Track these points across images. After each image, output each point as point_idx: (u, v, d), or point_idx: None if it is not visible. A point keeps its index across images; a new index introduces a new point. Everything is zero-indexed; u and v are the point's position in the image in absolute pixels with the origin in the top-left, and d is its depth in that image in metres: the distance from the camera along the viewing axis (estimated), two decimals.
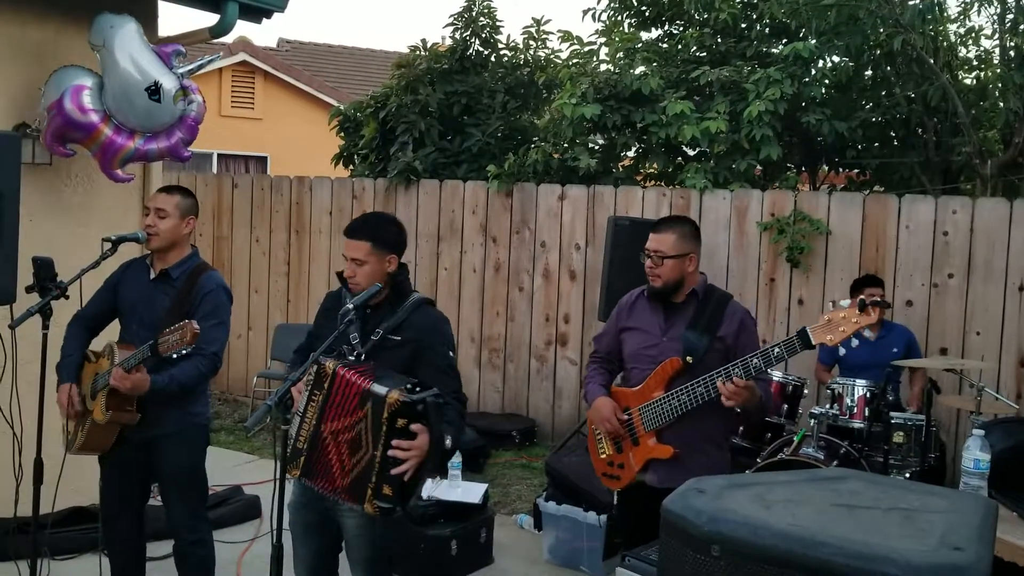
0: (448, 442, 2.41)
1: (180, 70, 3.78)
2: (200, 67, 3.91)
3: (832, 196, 5.29)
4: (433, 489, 3.96)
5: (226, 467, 4.98)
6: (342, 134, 7.33)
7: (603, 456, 2.90)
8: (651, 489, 2.75)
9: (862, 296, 2.49)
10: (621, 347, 2.89)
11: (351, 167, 7.27)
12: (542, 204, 5.98)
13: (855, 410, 4.19)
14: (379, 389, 2.32)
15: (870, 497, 1.61)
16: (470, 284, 6.22)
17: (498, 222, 6.12)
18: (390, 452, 2.31)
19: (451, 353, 2.59)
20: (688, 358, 2.68)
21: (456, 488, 3.99)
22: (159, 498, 3.10)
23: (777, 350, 2.54)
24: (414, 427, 2.34)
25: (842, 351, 4.32)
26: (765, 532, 1.43)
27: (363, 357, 2.50)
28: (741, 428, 4.41)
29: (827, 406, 4.23)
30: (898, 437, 4.05)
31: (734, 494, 1.59)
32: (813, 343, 2.50)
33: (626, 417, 2.80)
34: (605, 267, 5.31)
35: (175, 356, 2.60)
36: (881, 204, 5.11)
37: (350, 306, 2.51)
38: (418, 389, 2.33)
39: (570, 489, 4.08)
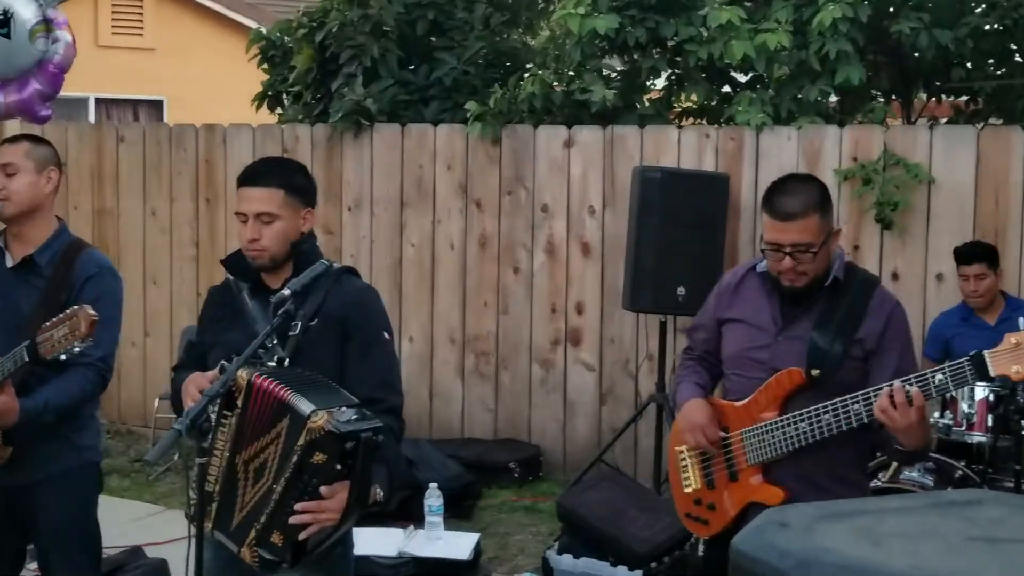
0: (378, 495, 2.43)
1: None
2: None
3: (935, 132, 5.29)
4: (406, 542, 3.96)
5: (121, 522, 4.96)
6: (265, 66, 7.26)
7: (688, 491, 2.88)
8: None
9: None
10: (720, 344, 2.87)
11: (279, 110, 7.23)
12: (542, 153, 5.94)
13: (975, 419, 4.20)
14: (302, 405, 2.32)
15: (1017, 526, 1.61)
16: (447, 265, 6.19)
17: (483, 180, 6.08)
18: (293, 519, 2.32)
19: (386, 334, 2.62)
20: (814, 371, 2.63)
21: (437, 540, 4.00)
22: (35, 566, 3.08)
23: (940, 377, 2.46)
24: (328, 487, 2.30)
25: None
26: None
27: (286, 362, 2.52)
28: None
29: (937, 415, 4.24)
30: None
31: (830, 528, 1.58)
32: (992, 374, 2.40)
33: (723, 435, 2.78)
34: (631, 237, 5.30)
35: (64, 357, 2.56)
36: (1001, 141, 5.11)
37: (287, 292, 2.50)
38: (355, 417, 2.32)
39: (591, 536, 4.08)
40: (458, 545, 3.97)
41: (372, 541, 3.92)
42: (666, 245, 5.14)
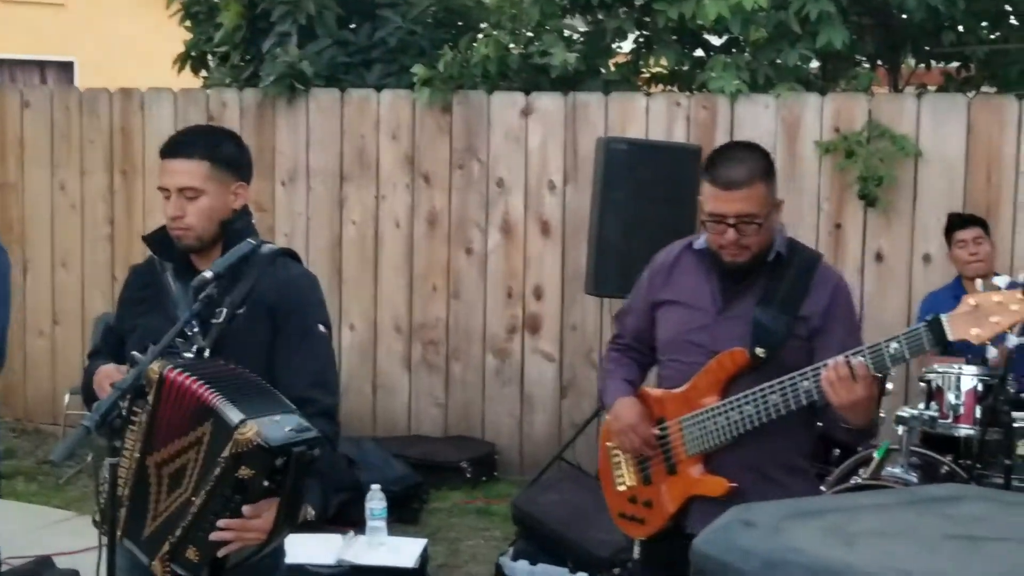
0: (310, 514, 2.47)
1: None
2: None
3: (923, 101, 5.35)
4: (346, 549, 3.96)
5: (29, 528, 4.95)
6: (188, 24, 7.21)
7: (622, 488, 2.90)
8: (691, 540, 2.75)
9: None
10: (654, 329, 2.88)
11: (204, 73, 7.19)
12: (497, 122, 5.95)
13: (962, 411, 4.26)
14: (230, 413, 2.30)
15: (1000, 524, 1.62)
16: (392, 245, 6.19)
17: (431, 151, 6.07)
18: (213, 535, 2.31)
19: (321, 327, 2.60)
20: (759, 350, 2.65)
21: (379, 546, 4.00)
22: None
23: (895, 346, 2.49)
24: (251, 506, 2.30)
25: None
26: None
27: (207, 352, 2.50)
28: None
29: (921, 406, 4.29)
30: None
31: (799, 526, 1.59)
32: (950, 338, 2.44)
33: (660, 432, 2.80)
34: (594, 214, 5.32)
35: None
36: (993, 111, 5.19)
37: (208, 274, 2.48)
38: (288, 429, 2.30)
39: (549, 540, 4.10)
40: (403, 552, 3.97)
41: (308, 548, 3.91)
42: (633, 223, 5.15)
